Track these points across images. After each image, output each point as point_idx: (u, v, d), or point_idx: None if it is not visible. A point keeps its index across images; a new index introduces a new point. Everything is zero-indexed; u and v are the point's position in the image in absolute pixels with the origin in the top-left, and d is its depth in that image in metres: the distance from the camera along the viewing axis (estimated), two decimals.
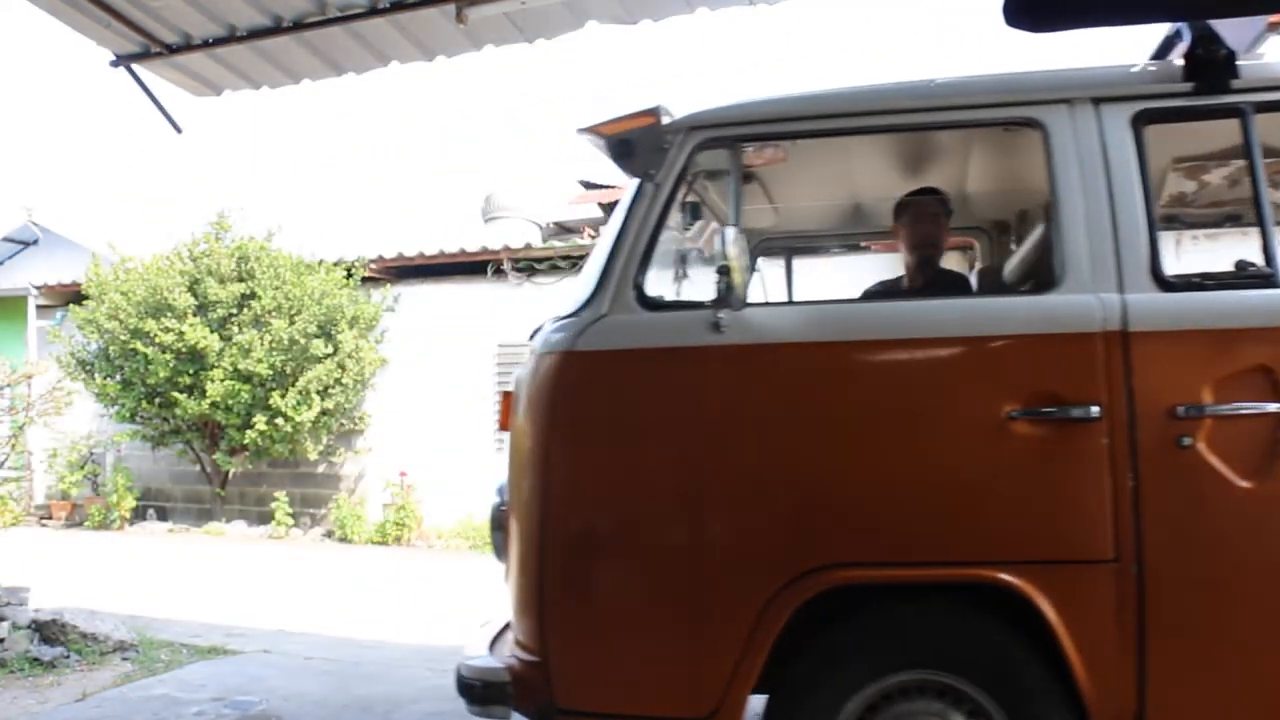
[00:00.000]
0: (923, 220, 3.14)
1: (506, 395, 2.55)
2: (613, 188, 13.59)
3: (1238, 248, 3.13)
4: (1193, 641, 2.03)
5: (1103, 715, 2.00)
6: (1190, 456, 2.03)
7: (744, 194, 2.38)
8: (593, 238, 12.55)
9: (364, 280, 10.51)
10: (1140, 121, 2.21)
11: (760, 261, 3.59)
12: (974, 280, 3.58)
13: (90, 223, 15.14)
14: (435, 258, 10.30)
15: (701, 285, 3.68)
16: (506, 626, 2.57)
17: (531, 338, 2.58)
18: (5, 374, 6.69)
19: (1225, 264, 2.77)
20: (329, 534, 10.20)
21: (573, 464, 2.33)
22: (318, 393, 9.72)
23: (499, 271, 10.17)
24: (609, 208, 13.52)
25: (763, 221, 3.57)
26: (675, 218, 2.45)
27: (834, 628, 2.16)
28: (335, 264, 10.35)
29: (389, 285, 10.52)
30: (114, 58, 4.33)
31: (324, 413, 9.94)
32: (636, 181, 2.41)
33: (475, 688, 2.32)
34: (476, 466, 10.14)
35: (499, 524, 2.55)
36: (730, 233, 2.17)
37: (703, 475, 2.23)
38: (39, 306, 12.27)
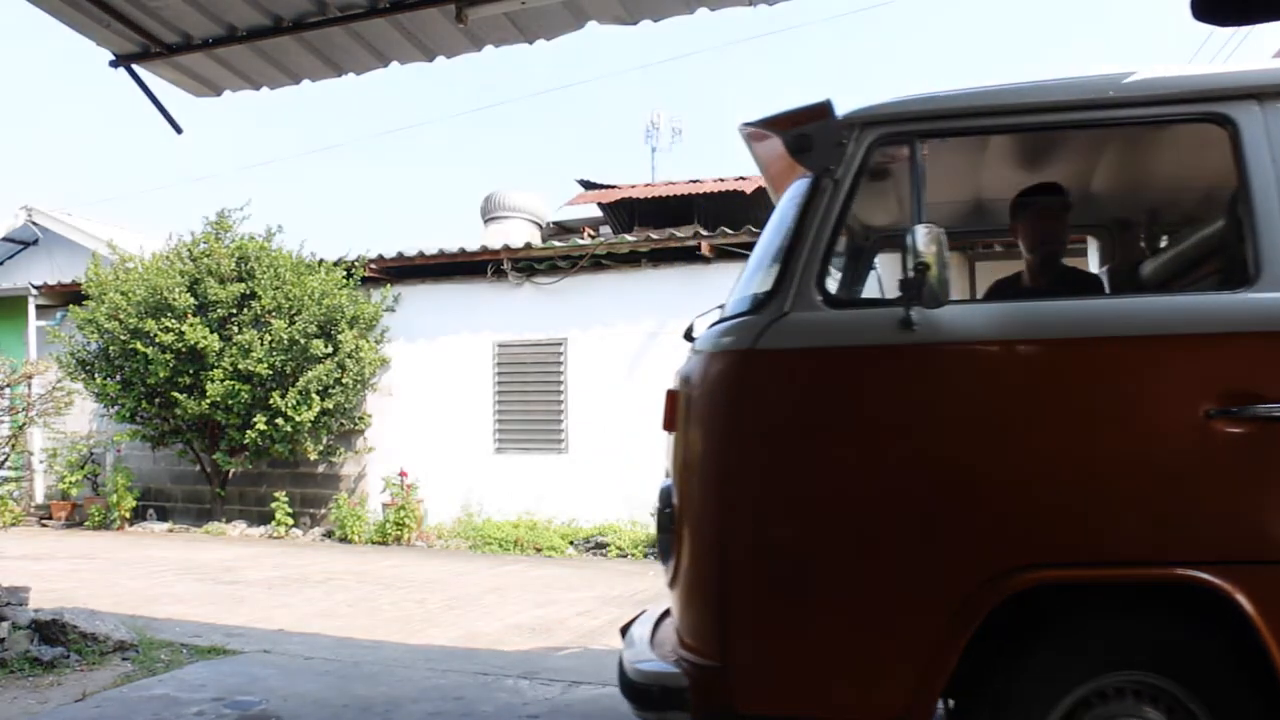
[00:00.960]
0: (1046, 218, 3.08)
1: (671, 395, 2.49)
2: (613, 188, 13.61)
3: None
4: None
5: None
6: None
7: (920, 188, 2.33)
8: (592, 237, 12.57)
9: (364, 280, 10.52)
10: None
11: (880, 258, 3.60)
12: (1104, 279, 3.51)
13: (90, 223, 15.14)
14: (435, 258, 10.31)
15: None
16: (655, 627, 2.59)
17: (689, 338, 2.56)
18: (5, 374, 6.68)
19: None
20: (329, 534, 10.21)
21: (757, 465, 2.27)
22: (318, 393, 9.73)
23: (499, 271, 10.17)
24: (608, 208, 13.57)
25: (887, 217, 3.48)
26: (853, 214, 2.40)
27: (1040, 631, 2.13)
28: (335, 264, 10.36)
29: (389, 285, 10.53)
30: (114, 58, 4.33)
31: (324, 413, 9.95)
32: (809, 178, 2.37)
33: (651, 692, 2.28)
34: (476, 466, 10.16)
35: (666, 527, 2.47)
36: (921, 230, 2.12)
37: (895, 475, 2.20)
38: (39, 306, 12.27)
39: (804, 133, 2.38)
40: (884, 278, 3.71)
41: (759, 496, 2.26)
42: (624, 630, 2.81)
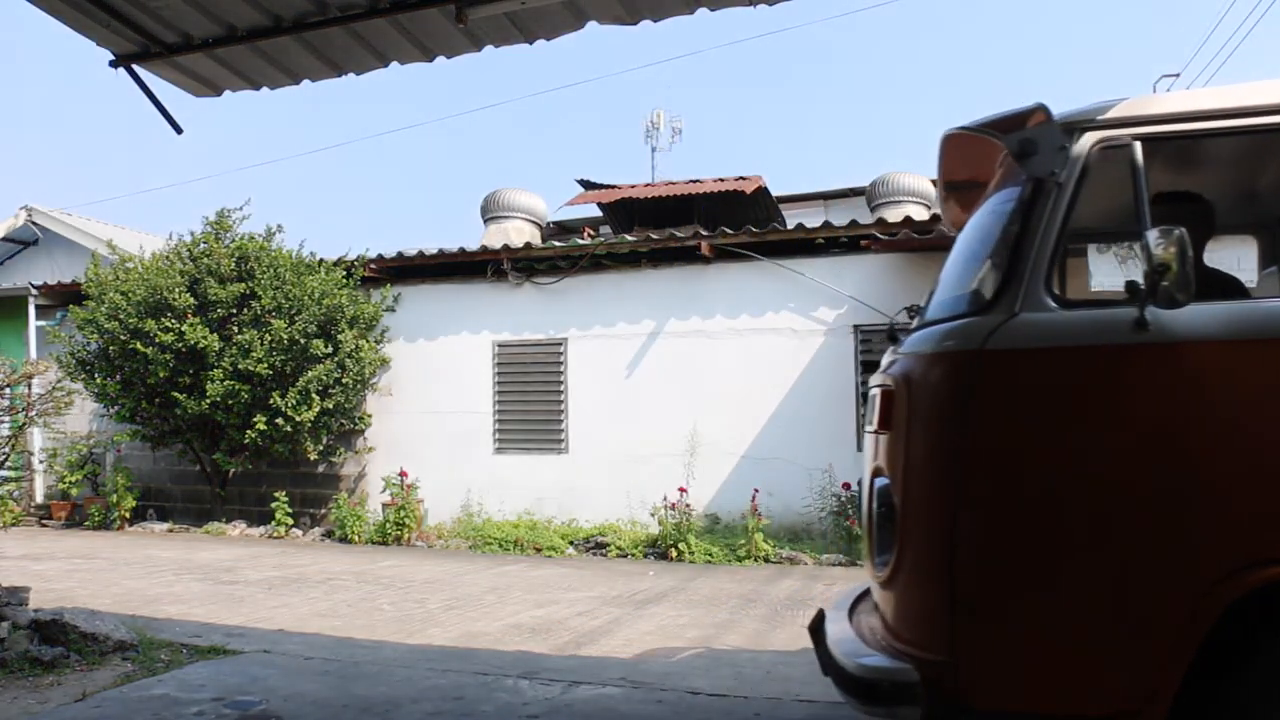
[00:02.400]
0: (1199, 225, 3.06)
1: (887, 395, 2.54)
2: (613, 188, 13.61)
3: None
4: None
5: None
6: None
7: (1145, 191, 2.35)
8: (592, 237, 12.57)
9: (364, 280, 10.53)
10: None
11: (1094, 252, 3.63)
12: (1259, 281, 3.49)
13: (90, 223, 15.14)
14: (435, 258, 10.31)
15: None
16: (849, 620, 2.65)
17: (893, 339, 2.60)
18: (5, 374, 6.67)
19: None
20: (329, 534, 10.21)
21: (991, 463, 2.30)
22: (318, 393, 9.73)
23: (499, 271, 10.18)
24: (608, 208, 13.57)
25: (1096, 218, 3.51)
26: (1077, 216, 2.45)
27: (1272, 630, 2.12)
28: (335, 264, 10.36)
29: (389, 285, 10.53)
30: (114, 57, 4.33)
31: (324, 413, 9.95)
32: (1030, 182, 2.41)
33: (880, 687, 2.32)
34: (476, 466, 10.16)
35: (882, 524, 2.51)
36: (1156, 232, 2.15)
37: (1133, 471, 2.21)
38: (39, 306, 12.28)
39: (1028, 137, 2.42)
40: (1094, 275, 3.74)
41: (993, 493, 2.29)
42: (814, 629, 2.86)
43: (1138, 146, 2.37)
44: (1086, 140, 2.39)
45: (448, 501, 10.14)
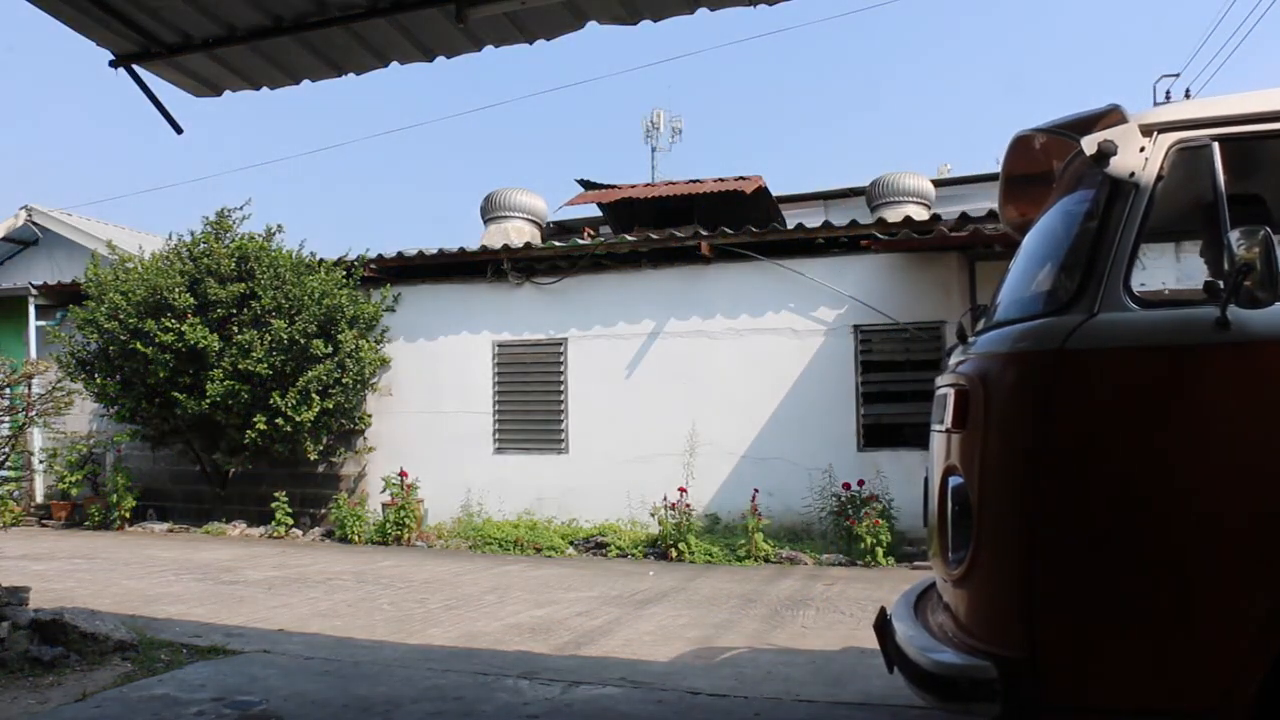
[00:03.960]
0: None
1: (961, 394, 2.56)
2: (613, 188, 13.61)
3: None
4: None
5: None
6: None
7: (1223, 191, 2.38)
8: (592, 237, 12.57)
9: (364, 280, 10.52)
10: None
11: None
12: None
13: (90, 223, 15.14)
14: (435, 258, 10.31)
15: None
16: (916, 620, 2.68)
17: (964, 341, 2.61)
18: (5, 374, 6.66)
19: None
20: (329, 534, 10.21)
21: (1072, 462, 2.32)
22: (318, 393, 9.73)
23: (499, 271, 10.17)
24: (608, 208, 13.57)
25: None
26: (1155, 216, 2.48)
27: None
28: (335, 264, 10.36)
29: (389, 285, 10.53)
30: (114, 57, 4.32)
31: (324, 413, 9.95)
32: (1107, 183, 2.43)
33: (958, 684, 2.34)
34: (476, 466, 10.16)
35: (957, 522, 2.54)
36: (1239, 232, 2.16)
37: (1216, 469, 2.21)
38: (39, 306, 12.28)
39: (1107, 139, 2.45)
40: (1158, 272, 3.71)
41: (1074, 492, 2.30)
42: (879, 627, 2.90)
43: (1215, 147, 2.38)
44: (1164, 141, 2.41)
45: (448, 501, 10.14)
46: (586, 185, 13.94)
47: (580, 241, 10.95)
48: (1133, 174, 2.40)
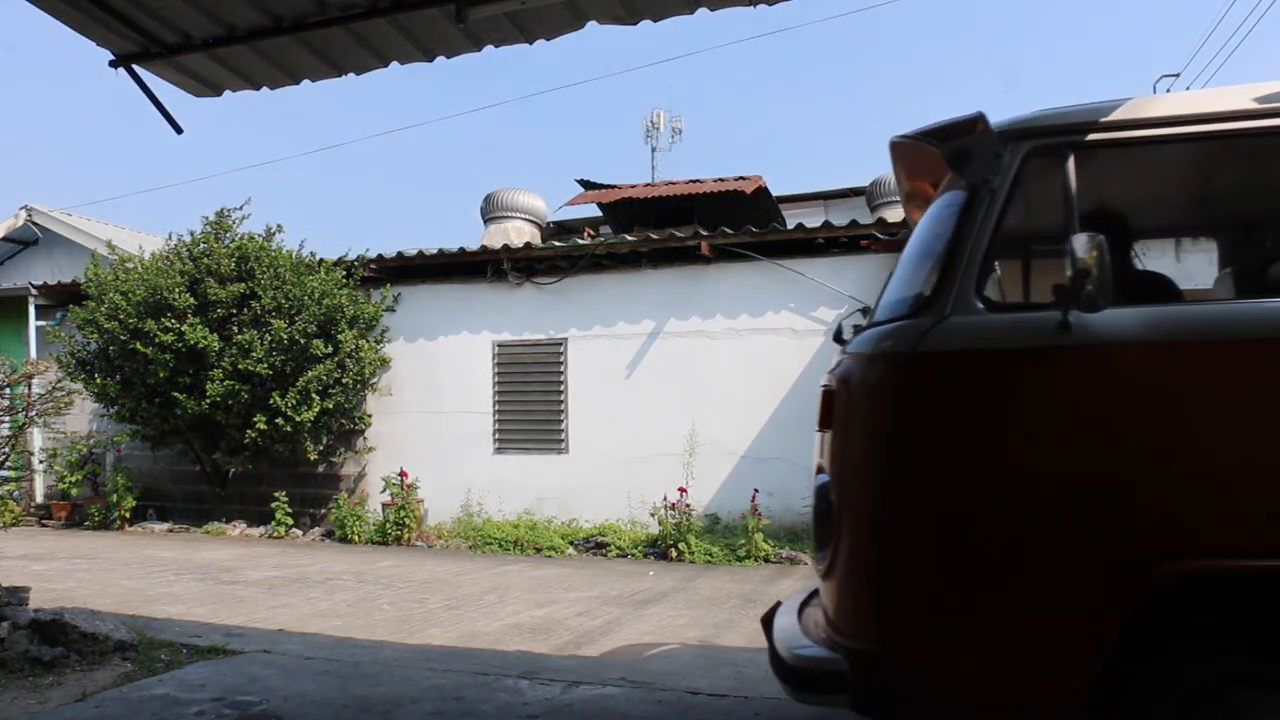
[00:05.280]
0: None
1: (828, 395, 2.63)
2: (613, 188, 13.61)
3: None
4: None
5: None
6: None
7: (1074, 197, 2.43)
8: (592, 237, 12.57)
9: (364, 280, 10.52)
10: None
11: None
12: (1225, 282, 3.52)
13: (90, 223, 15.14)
14: (435, 258, 10.31)
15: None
16: (799, 615, 2.76)
17: (839, 340, 2.67)
18: (5, 374, 6.66)
19: None
20: (329, 534, 10.21)
21: (921, 461, 2.38)
22: (318, 393, 9.73)
23: (499, 271, 10.17)
24: (608, 208, 13.57)
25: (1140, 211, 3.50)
26: (1009, 221, 2.53)
27: (1181, 621, 2.21)
28: (335, 264, 10.36)
29: (389, 285, 10.53)
30: (114, 57, 4.32)
31: (324, 413, 9.94)
32: (965, 188, 2.49)
33: (813, 676, 2.44)
34: (476, 466, 10.16)
35: (823, 520, 2.61)
36: (1081, 238, 2.22)
37: (1055, 470, 2.27)
38: (39, 306, 12.27)
39: (963, 145, 2.52)
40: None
41: (922, 491, 2.37)
42: (766, 621, 2.96)
43: (1070, 155, 2.43)
44: (1020, 149, 2.46)
45: (448, 501, 10.14)
46: (586, 185, 13.94)
47: (580, 241, 10.95)
48: (987, 180, 2.46)
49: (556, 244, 10.64)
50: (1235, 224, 3.66)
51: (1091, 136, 2.47)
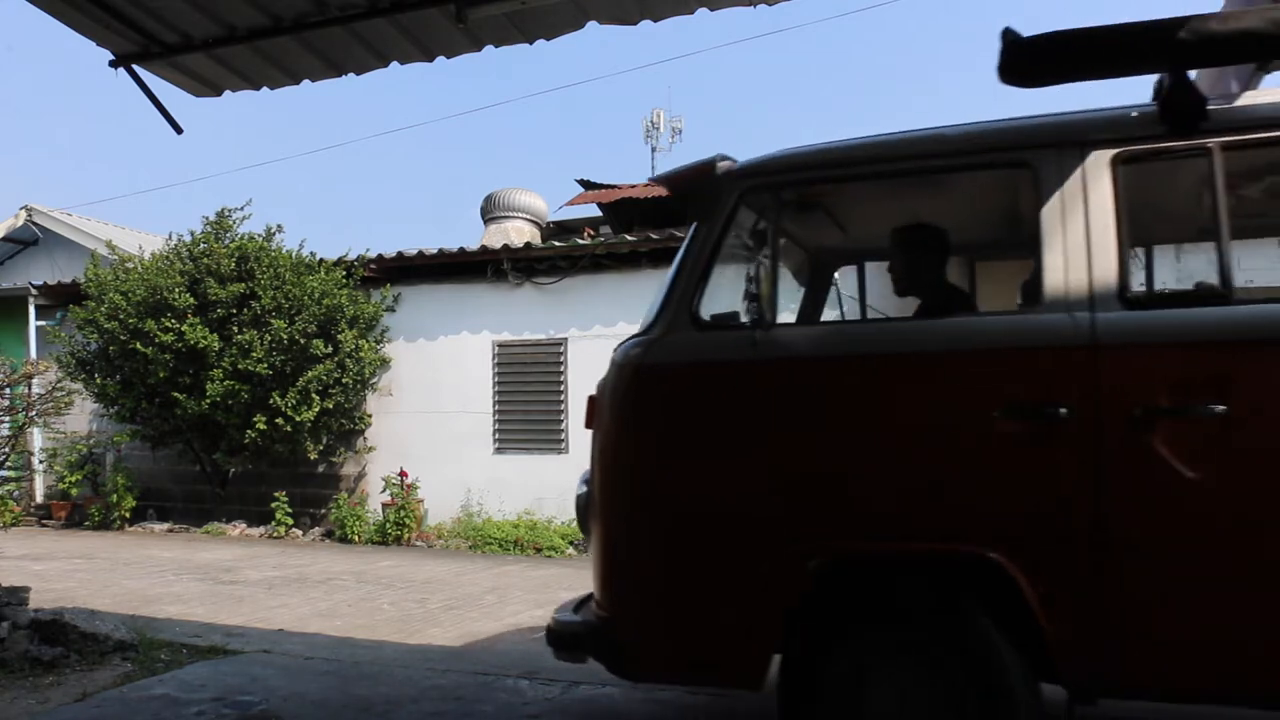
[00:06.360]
0: (907, 250, 3.48)
1: (590, 400, 3.02)
2: (613, 188, 13.62)
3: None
4: (1139, 601, 2.33)
5: (1064, 661, 2.37)
6: (1147, 452, 2.31)
7: (776, 231, 2.83)
8: (592, 237, 12.57)
9: (364, 280, 10.52)
10: (1120, 161, 2.49)
11: (839, 276, 4.21)
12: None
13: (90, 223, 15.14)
14: (435, 258, 10.31)
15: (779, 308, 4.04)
16: (589, 596, 3.13)
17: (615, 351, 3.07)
18: (5, 374, 6.67)
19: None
20: (329, 534, 10.21)
21: (638, 458, 2.83)
22: (318, 393, 9.72)
23: (499, 271, 10.17)
24: (608, 208, 13.57)
25: (838, 242, 3.93)
26: (730, 252, 2.88)
27: (852, 601, 2.63)
28: (335, 264, 10.35)
29: (389, 285, 10.52)
30: (113, 57, 4.32)
31: (324, 413, 9.94)
32: (692, 221, 2.87)
33: (564, 637, 2.94)
34: (476, 466, 10.16)
35: (582, 508, 3.11)
36: (757, 267, 2.60)
37: (740, 465, 2.68)
38: (39, 306, 12.27)
39: (685, 190, 2.94)
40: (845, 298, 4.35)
41: (639, 485, 2.82)
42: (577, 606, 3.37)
43: (778, 194, 2.83)
44: (734, 190, 2.81)
45: (448, 501, 10.14)
46: (586, 185, 13.94)
47: (580, 241, 10.95)
48: (706, 216, 2.83)
49: (556, 244, 10.64)
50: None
51: (792, 178, 2.87)
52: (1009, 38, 2.51)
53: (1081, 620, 2.34)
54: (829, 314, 4.10)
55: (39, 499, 12.16)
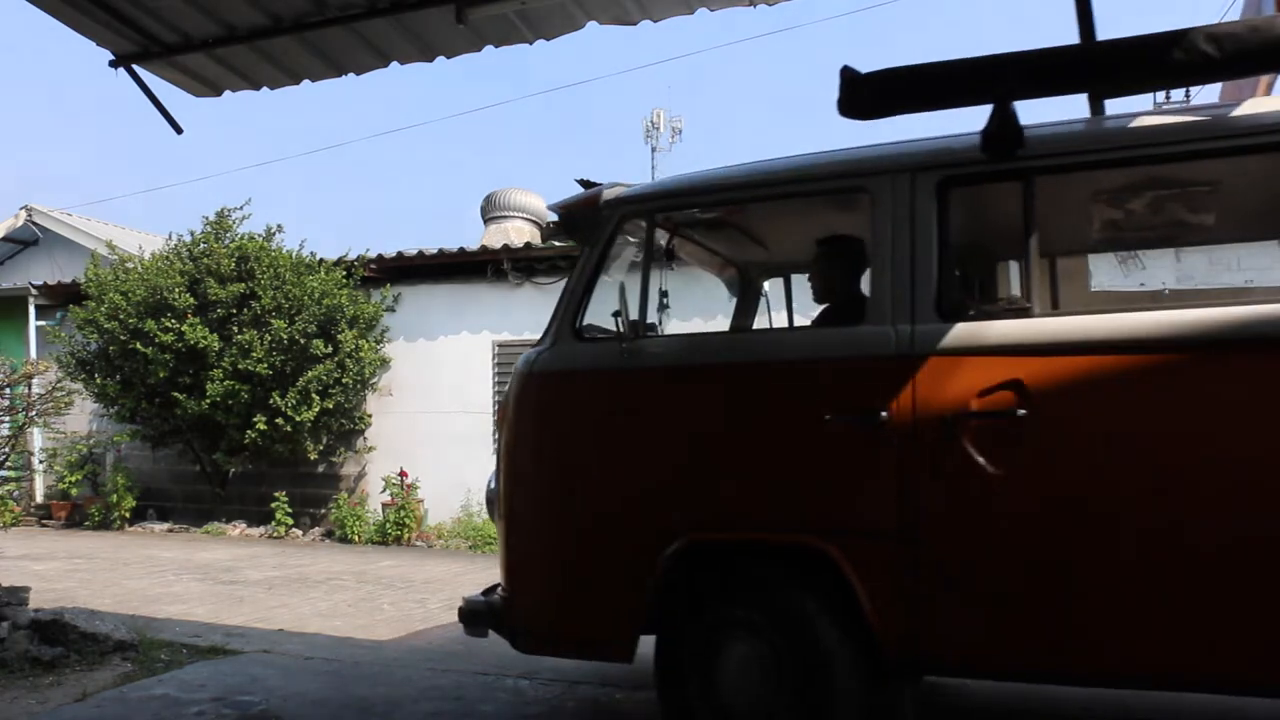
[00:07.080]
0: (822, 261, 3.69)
1: (502, 405, 3.33)
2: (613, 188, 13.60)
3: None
4: (953, 589, 2.56)
5: (887, 642, 2.61)
6: (957, 452, 2.53)
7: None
8: None
9: (364, 280, 10.51)
10: (945, 187, 2.70)
11: (764, 287, 4.45)
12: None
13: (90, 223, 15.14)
14: (435, 257, 10.31)
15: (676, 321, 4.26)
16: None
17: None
18: (5, 374, 6.67)
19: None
20: (329, 534, 10.21)
21: (529, 456, 3.19)
22: (318, 393, 9.72)
23: (499, 271, 10.17)
24: None
25: (756, 256, 4.19)
26: (612, 271, 3.22)
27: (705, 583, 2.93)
28: (335, 264, 10.35)
29: (389, 285, 10.52)
30: (113, 57, 4.32)
31: (324, 413, 9.94)
32: (579, 245, 3.25)
33: (470, 615, 3.30)
34: (476, 466, 10.15)
35: (490, 501, 3.51)
36: (618, 285, 2.93)
37: (610, 463, 3.04)
38: (39, 306, 12.27)
39: (571, 217, 3.32)
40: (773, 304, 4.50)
41: (528, 479, 3.18)
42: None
43: (652, 219, 3.13)
44: (614, 215, 3.12)
45: (448, 501, 10.13)
46: (586, 185, 13.93)
47: None
48: (590, 240, 3.16)
49: (556, 244, 10.64)
50: (778, 271, 4.40)
51: (661, 204, 3.15)
52: (846, 74, 2.70)
53: (898, 606, 2.59)
54: (759, 321, 4.40)
55: (39, 499, 12.16)
